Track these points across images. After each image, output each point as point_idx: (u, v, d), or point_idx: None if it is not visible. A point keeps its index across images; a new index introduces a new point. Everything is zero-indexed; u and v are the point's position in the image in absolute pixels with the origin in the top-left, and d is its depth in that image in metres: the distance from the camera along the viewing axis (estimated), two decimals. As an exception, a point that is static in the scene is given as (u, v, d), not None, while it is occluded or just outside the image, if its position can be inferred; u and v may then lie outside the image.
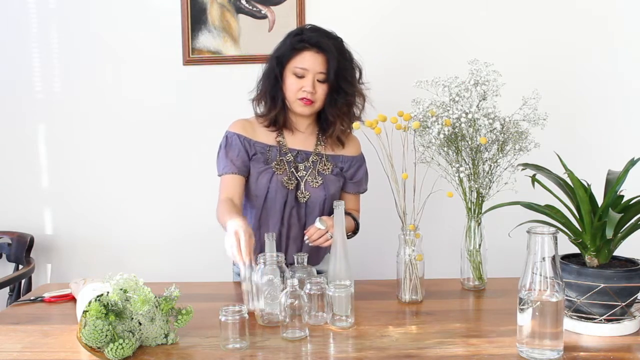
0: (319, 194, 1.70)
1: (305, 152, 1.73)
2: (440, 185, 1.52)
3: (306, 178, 1.70)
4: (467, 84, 1.55)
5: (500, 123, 1.53)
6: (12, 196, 2.44)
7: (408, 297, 1.50)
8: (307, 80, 1.63)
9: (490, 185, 1.57)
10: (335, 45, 1.64)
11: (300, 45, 1.63)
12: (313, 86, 1.63)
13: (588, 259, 1.32)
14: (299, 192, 1.70)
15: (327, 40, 1.63)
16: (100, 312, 1.16)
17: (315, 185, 1.70)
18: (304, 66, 1.62)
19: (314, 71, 1.63)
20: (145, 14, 2.34)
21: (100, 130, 2.40)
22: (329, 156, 1.75)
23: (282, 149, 1.71)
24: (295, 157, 1.72)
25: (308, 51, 1.62)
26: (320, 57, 1.62)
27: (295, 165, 1.71)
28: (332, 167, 1.74)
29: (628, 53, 2.27)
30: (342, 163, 1.76)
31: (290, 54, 1.64)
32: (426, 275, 1.53)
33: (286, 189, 1.68)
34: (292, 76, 1.64)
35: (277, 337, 1.27)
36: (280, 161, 1.69)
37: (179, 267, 2.37)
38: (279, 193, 1.67)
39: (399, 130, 1.50)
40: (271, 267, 1.38)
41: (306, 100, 1.64)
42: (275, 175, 1.67)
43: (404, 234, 1.50)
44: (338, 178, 1.75)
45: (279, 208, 1.69)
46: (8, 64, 2.39)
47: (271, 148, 1.71)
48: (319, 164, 1.73)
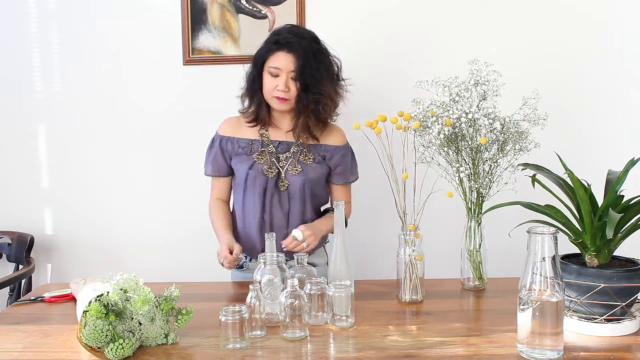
0: (297, 179, 1.75)
1: (286, 143, 1.79)
2: (440, 185, 1.52)
3: (287, 167, 1.76)
4: (467, 84, 1.55)
5: (501, 123, 1.53)
6: (12, 196, 2.44)
7: (408, 297, 1.50)
8: (280, 79, 1.70)
9: (490, 185, 1.57)
10: (305, 45, 1.70)
11: (274, 46, 1.72)
12: (286, 84, 1.70)
13: (588, 259, 1.32)
14: (280, 181, 1.76)
15: (297, 40, 1.70)
16: (100, 312, 1.16)
17: (294, 173, 1.75)
18: (277, 65, 1.70)
19: (287, 70, 1.70)
20: (145, 14, 2.34)
21: (100, 130, 2.40)
22: (311, 146, 1.79)
23: (265, 141, 1.78)
24: (277, 147, 1.78)
25: (280, 51, 1.70)
26: (291, 56, 1.69)
27: (276, 156, 1.77)
28: (313, 156, 1.78)
29: (628, 53, 2.27)
30: (324, 152, 1.80)
31: (266, 55, 1.73)
32: (426, 275, 1.53)
33: (265, 176, 1.74)
34: (268, 75, 1.72)
35: (277, 337, 1.27)
36: (262, 152, 1.77)
37: (179, 267, 2.37)
38: (257, 179, 1.74)
39: (399, 130, 1.50)
40: (271, 267, 1.38)
41: (280, 98, 1.71)
42: (256, 164, 1.75)
43: (404, 234, 1.50)
44: (320, 166, 1.79)
45: (259, 194, 1.75)
46: (8, 64, 2.39)
47: (254, 142, 1.79)
48: (300, 154, 1.77)
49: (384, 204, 2.25)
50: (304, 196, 1.77)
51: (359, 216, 2.11)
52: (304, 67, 1.68)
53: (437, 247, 1.98)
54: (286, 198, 1.77)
